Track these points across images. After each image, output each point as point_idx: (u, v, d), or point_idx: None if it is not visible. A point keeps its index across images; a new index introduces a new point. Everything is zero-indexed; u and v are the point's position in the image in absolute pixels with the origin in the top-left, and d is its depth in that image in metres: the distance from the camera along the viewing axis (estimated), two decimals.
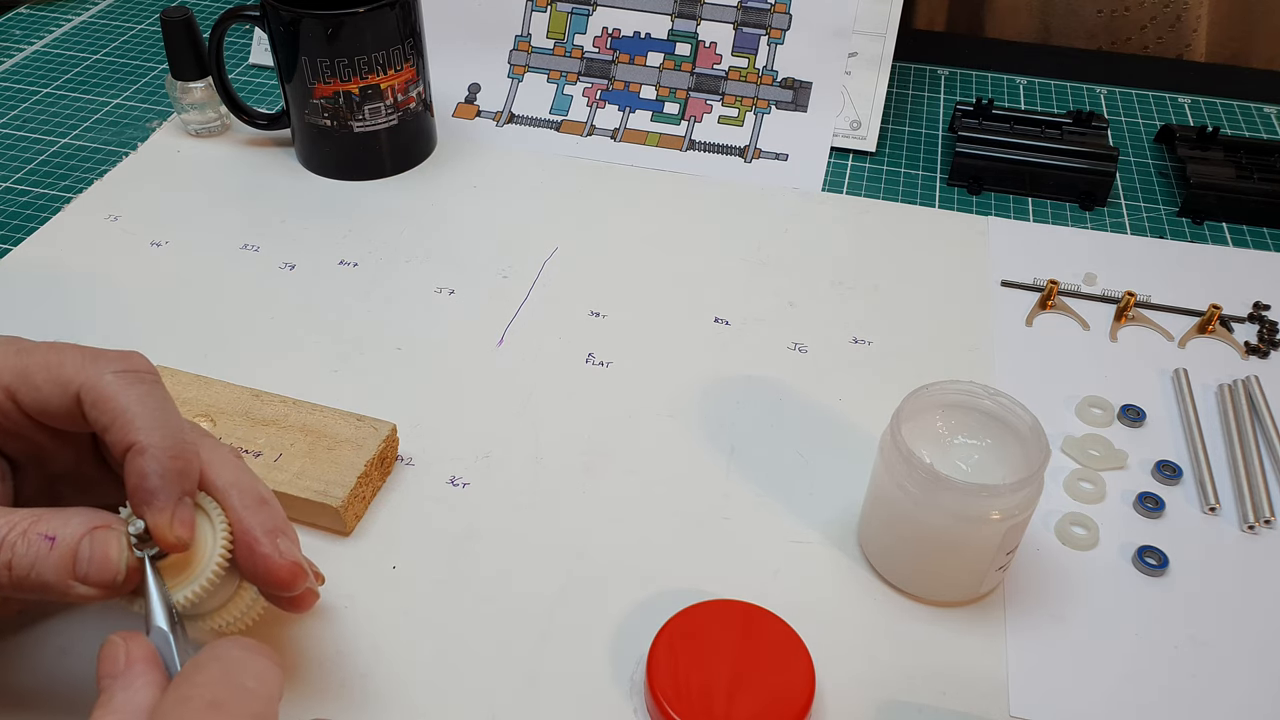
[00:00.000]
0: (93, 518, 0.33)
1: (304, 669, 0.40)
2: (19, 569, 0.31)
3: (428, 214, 0.64)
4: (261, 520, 0.35)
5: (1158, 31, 0.86)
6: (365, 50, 0.61)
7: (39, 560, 0.31)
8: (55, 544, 0.31)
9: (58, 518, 0.32)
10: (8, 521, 0.32)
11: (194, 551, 0.34)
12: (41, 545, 0.31)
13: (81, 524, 0.32)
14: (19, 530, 0.31)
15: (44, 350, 0.35)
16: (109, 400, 0.33)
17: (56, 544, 0.31)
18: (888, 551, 0.43)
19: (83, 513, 0.33)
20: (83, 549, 0.32)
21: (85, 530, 0.32)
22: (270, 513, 0.36)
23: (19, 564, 0.31)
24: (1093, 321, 0.57)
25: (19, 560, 0.31)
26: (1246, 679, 0.41)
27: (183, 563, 0.34)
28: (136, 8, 0.88)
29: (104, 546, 0.32)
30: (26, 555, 0.31)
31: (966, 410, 0.42)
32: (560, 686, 0.40)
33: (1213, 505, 0.47)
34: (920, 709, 0.39)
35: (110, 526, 0.33)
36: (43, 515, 0.32)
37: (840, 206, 0.66)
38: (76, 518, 0.33)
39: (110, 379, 0.34)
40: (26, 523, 0.32)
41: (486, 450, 0.49)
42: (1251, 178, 0.65)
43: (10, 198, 0.65)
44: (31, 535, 0.31)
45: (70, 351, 0.35)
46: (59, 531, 0.32)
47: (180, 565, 0.34)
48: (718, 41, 0.71)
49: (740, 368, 0.54)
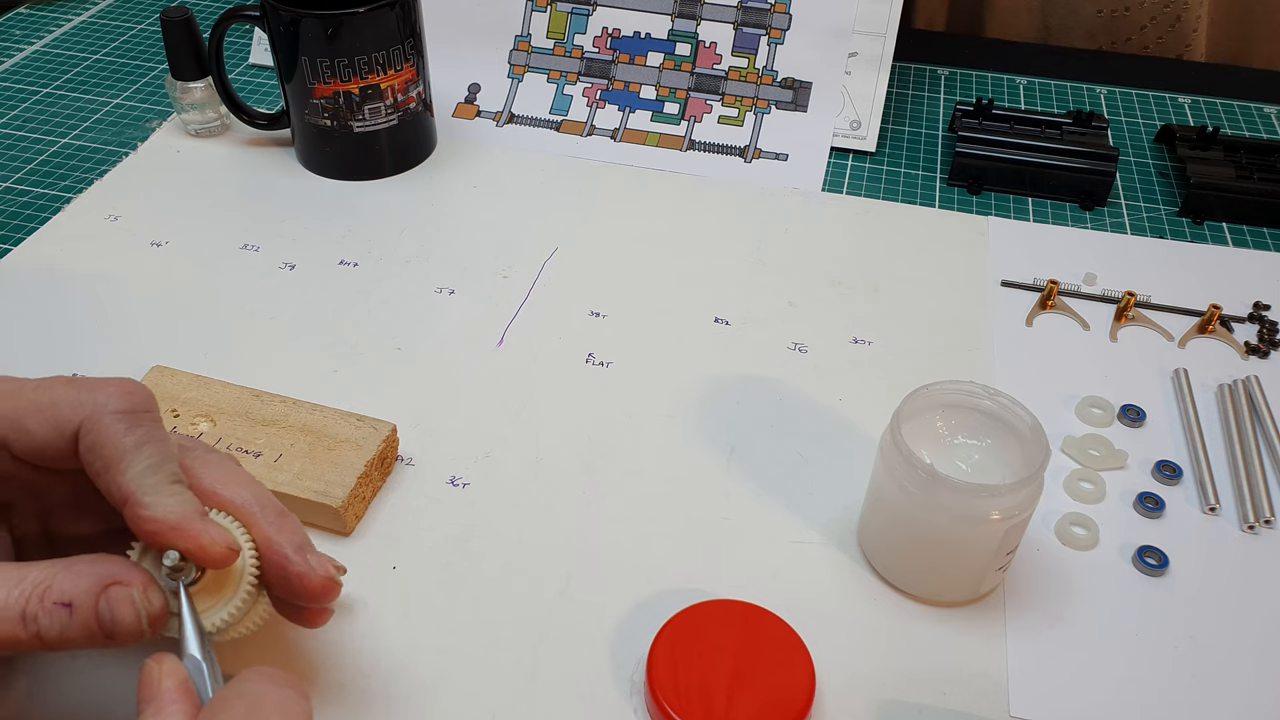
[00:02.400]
0: (102, 571, 0.32)
1: (304, 670, 0.40)
2: (49, 638, 0.31)
3: (428, 214, 0.64)
4: (288, 536, 0.35)
5: (1158, 31, 0.86)
6: (365, 50, 0.61)
7: (65, 628, 0.31)
8: (73, 611, 0.31)
9: (68, 578, 0.32)
10: (22, 592, 0.31)
11: (224, 571, 0.34)
12: (61, 614, 0.31)
13: (93, 583, 0.32)
14: (36, 599, 0.31)
15: (32, 390, 0.34)
16: (105, 447, 0.32)
17: (74, 611, 0.31)
18: (888, 551, 0.43)
19: (91, 567, 0.32)
20: (102, 611, 0.31)
21: (98, 589, 0.32)
22: (293, 526, 0.35)
23: (48, 633, 0.31)
24: (1093, 321, 0.57)
25: (46, 630, 0.31)
26: (1246, 679, 0.41)
27: (214, 584, 0.33)
28: (136, 8, 0.88)
29: (119, 608, 0.32)
30: (52, 626, 0.31)
31: (966, 410, 0.42)
32: (560, 686, 0.40)
33: (1213, 505, 0.47)
34: (920, 709, 0.39)
35: (120, 582, 0.32)
36: (53, 577, 0.32)
37: (840, 206, 0.66)
38: (87, 577, 0.32)
39: (109, 421, 0.33)
40: (41, 589, 0.31)
41: (486, 450, 0.49)
42: (1251, 178, 0.65)
43: (10, 198, 0.65)
44: (48, 604, 0.31)
45: (62, 389, 0.33)
46: (72, 596, 0.31)
47: (211, 587, 0.33)
48: (718, 41, 0.71)
49: (740, 368, 0.54)
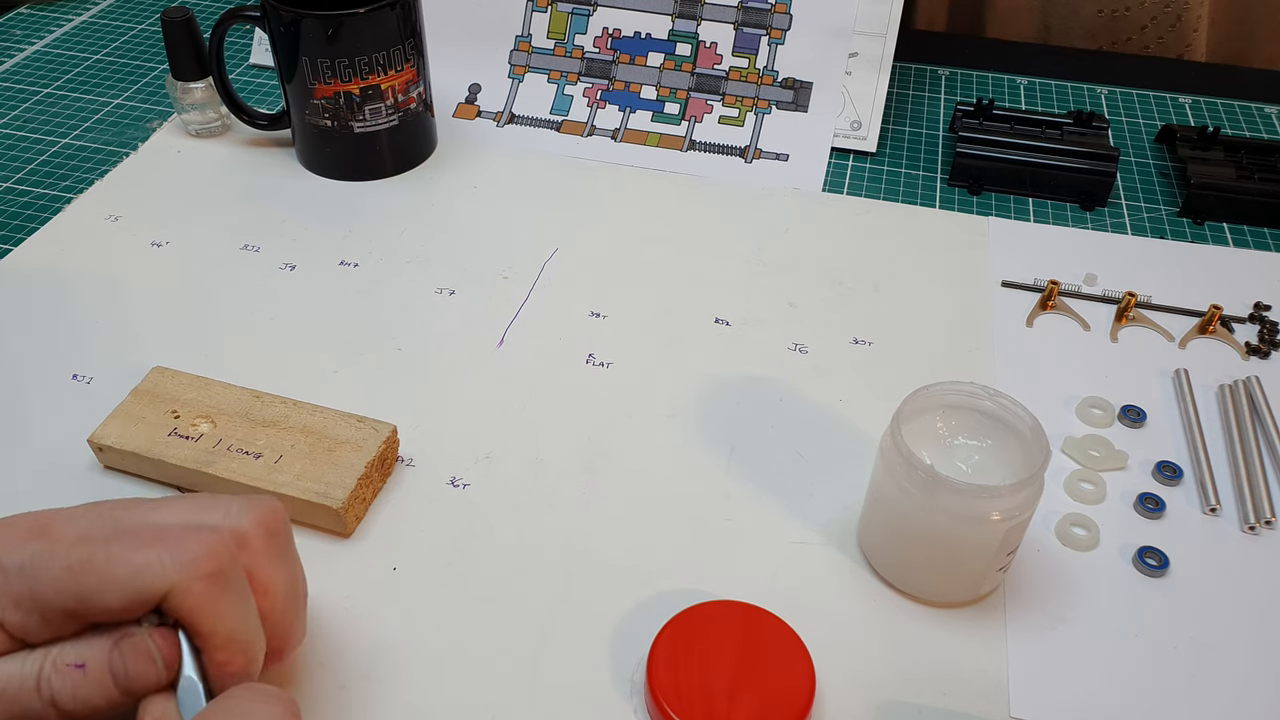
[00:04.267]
0: (107, 635, 0.32)
1: (304, 671, 0.40)
2: (63, 702, 0.31)
3: (428, 214, 0.64)
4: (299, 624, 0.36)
5: (1158, 31, 0.86)
6: (365, 50, 0.61)
7: (78, 688, 0.31)
8: (86, 670, 0.31)
9: (79, 643, 0.32)
10: (35, 659, 0.31)
11: None
12: (74, 675, 0.31)
13: (104, 643, 0.31)
14: (50, 665, 0.31)
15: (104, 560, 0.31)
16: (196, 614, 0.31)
17: (88, 670, 0.31)
18: (888, 552, 0.43)
19: (94, 634, 0.32)
20: (115, 664, 0.31)
21: (109, 646, 0.31)
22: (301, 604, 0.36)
23: (61, 697, 0.31)
24: (1093, 322, 0.57)
25: (60, 694, 0.31)
26: (1246, 679, 0.41)
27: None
28: (137, 8, 0.88)
29: (133, 659, 0.31)
30: (65, 688, 0.31)
31: (967, 411, 0.42)
32: (560, 686, 0.40)
33: (1213, 506, 0.47)
34: (920, 709, 0.39)
35: (128, 634, 0.32)
36: (62, 647, 0.31)
37: (840, 206, 0.66)
38: (95, 639, 0.32)
39: (200, 590, 0.31)
40: (53, 656, 0.31)
41: (486, 450, 0.49)
42: (1252, 178, 0.65)
43: (10, 198, 0.65)
44: (60, 667, 0.31)
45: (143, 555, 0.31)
46: (84, 657, 0.31)
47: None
48: (718, 42, 0.71)
49: (740, 368, 0.54)
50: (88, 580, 0.31)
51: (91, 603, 0.31)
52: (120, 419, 0.47)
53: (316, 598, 0.42)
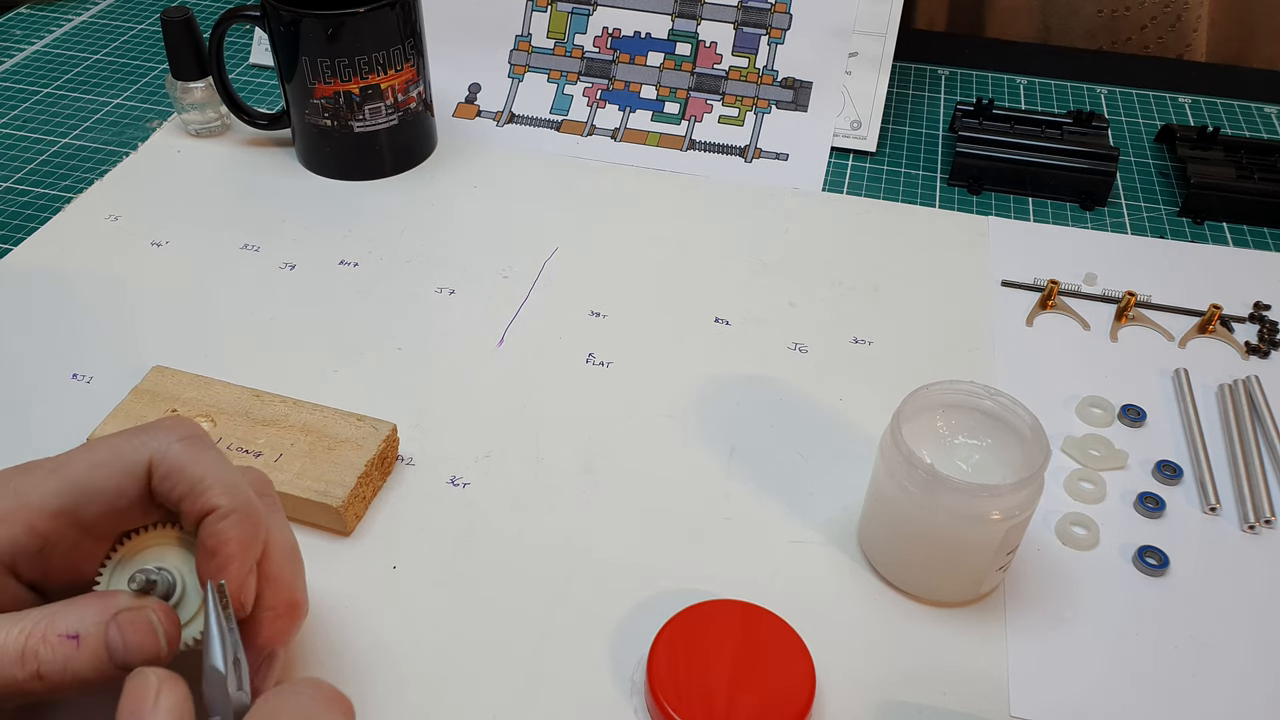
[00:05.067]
0: (109, 603, 0.31)
1: (304, 669, 0.40)
2: (51, 675, 0.30)
3: (428, 214, 0.64)
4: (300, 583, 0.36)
5: (1158, 31, 0.86)
6: (365, 50, 0.61)
7: (70, 660, 0.30)
8: (80, 642, 0.30)
9: (72, 611, 0.31)
10: (22, 629, 0.30)
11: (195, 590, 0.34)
12: (66, 646, 0.30)
13: (98, 613, 0.31)
14: (37, 636, 0.30)
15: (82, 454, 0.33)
16: (183, 470, 0.32)
17: (82, 642, 0.30)
18: (888, 551, 0.43)
19: (97, 600, 0.31)
20: (112, 638, 0.30)
21: (105, 618, 0.31)
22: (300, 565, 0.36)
23: (49, 670, 0.30)
24: (1093, 321, 0.57)
25: (48, 666, 0.30)
26: (1246, 678, 0.41)
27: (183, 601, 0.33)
28: (136, 8, 0.88)
29: (132, 633, 0.31)
30: (54, 660, 0.30)
31: (967, 410, 0.42)
32: (560, 686, 0.40)
33: (1213, 505, 0.47)
34: (920, 709, 0.39)
35: (132, 608, 0.31)
36: (55, 613, 0.31)
37: (840, 206, 0.66)
38: (93, 608, 0.31)
39: (179, 448, 0.32)
40: (42, 626, 0.30)
41: (486, 450, 0.49)
42: (1252, 178, 0.65)
43: (10, 198, 0.65)
44: (51, 639, 0.30)
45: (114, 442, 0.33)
46: (78, 628, 0.30)
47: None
48: (718, 41, 0.71)
49: (740, 368, 0.54)
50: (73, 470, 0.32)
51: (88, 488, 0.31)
52: (120, 418, 0.47)
53: (316, 596, 0.42)
